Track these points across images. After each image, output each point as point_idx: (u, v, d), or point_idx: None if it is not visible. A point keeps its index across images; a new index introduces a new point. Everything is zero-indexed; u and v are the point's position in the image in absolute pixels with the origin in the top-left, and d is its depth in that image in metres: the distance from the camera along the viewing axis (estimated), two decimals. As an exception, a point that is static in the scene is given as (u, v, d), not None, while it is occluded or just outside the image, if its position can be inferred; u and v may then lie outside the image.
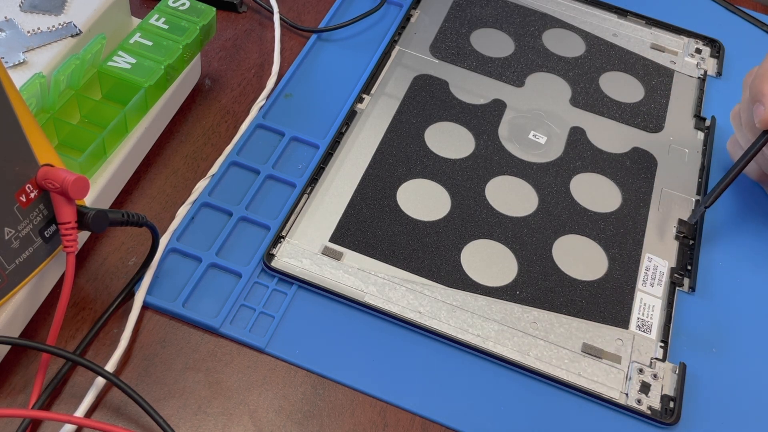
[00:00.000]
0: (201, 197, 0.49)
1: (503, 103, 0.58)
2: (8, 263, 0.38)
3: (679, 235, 0.52)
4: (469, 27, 0.63)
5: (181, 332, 0.44)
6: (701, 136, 0.58)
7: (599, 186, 0.54)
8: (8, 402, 0.40)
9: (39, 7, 0.48)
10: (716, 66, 0.64)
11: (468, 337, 0.45)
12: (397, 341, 0.45)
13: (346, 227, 0.49)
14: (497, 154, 0.54)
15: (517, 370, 0.44)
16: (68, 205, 0.39)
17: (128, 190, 0.49)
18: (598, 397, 0.44)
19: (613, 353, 0.46)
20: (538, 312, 0.47)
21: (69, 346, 0.43)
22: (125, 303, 0.44)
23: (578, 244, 0.51)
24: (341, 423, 0.42)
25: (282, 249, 0.47)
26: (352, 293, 0.46)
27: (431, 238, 0.49)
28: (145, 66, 0.48)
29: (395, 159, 0.53)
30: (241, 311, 0.45)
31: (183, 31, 0.50)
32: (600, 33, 0.65)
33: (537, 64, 0.61)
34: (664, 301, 0.48)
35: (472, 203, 0.51)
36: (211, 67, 0.57)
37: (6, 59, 0.45)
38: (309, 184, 0.50)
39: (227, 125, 0.54)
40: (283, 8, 0.62)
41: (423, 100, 0.57)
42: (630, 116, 0.59)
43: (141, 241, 0.47)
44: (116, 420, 0.40)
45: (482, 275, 0.48)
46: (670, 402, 0.44)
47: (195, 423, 0.41)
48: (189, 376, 0.42)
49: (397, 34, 0.61)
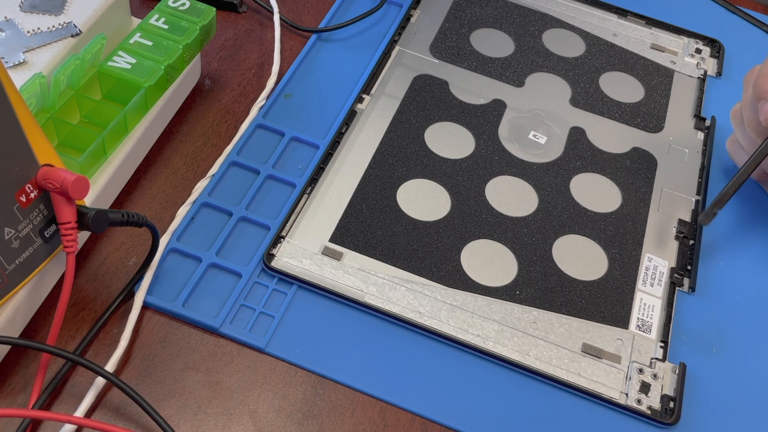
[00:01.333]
0: (201, 197, 0.49)
1: (503, 103, 0.58)
2: (8, 263, 0.38)
3: (679, 235, 0.52)
4: (469, 27, 0.63)
5: (181, 332, 0.44)
6: (701, 136, 0.58)
7: (599, 186, 0.54)
8: (8, 402, 0.40)
9: (39, 7, 0.48)
10: (716, 66, 0.64)
11: (468, 337, 0.45)
12: (397, 341, 0.45)
13: (346, 227, 0.49)
14: (497, 154, 0.54)
15: (517, 370, 0.44)
16: (68, 205, 0.39)
17: (128, 190, 0.50)
18: (598, 397, 0.44)
19: (613, 353, 0.46)
20: (538, 312, 0.47)
21: (69, 346, 0.43)
22: (125, 303, 0.44)
23: (578, 244, 0.51)
24: (341, 423, 0.42)
25: (282, 249, 0.47)
26: (352, 293, 0.46)
27: (431, 238, 0.49)
28: (145, 66, 0.48)
29: (395, 159, 0.53)
30: (241, 311, 0.45)
31: (183, 31, 0.50)
32: (600, 33, 0.65)
33: (537, 64, 0.61)
34: (664, 301, 0.48)
35: (472, 203, 0.51)
36: (211, 67, 0.57)
37: (6, 59, 0.45)
38: (309, 184, 0.50)
39: (227, 125, 0.54)
40: (283, 8, 0.62)
41: (423, 100, 0.57)
42: (630, 116, 0.59)
43: (141, 241, 0.47)
44: (116, 420, 0.40)
45: (482, 275, 0.48)
46: (670, 402, 0.44)
47: (195, 423, 0.41)
48: (189, 376, 0.42)
49: (397, 34, 0.61)
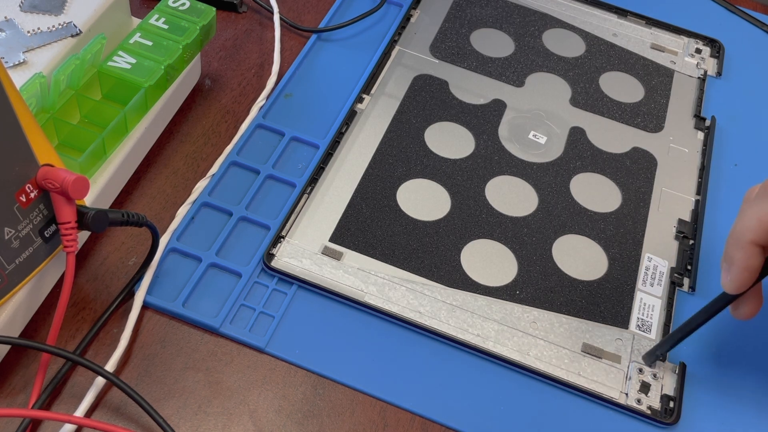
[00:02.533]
0: (201, 197, 0.49)
1: (503, 103, 0.58)
2: (8, 263, 0.38)
3: (679, 235, 0.52)
4: (469, 27, 0.63)
5: (181, 332, 0.44)
6: (701, 136, 0.58)
7: (599, 186, 0.54)
8: (8, 402, 0.40)
9: (39, 7, 0.48)
10: (716, 66, 0.64)
11: (468, 337, 0.45)
12: (397, 341, 0.45)
13: (346, 227, 0.49)
14: (497, 154, 0.54)
15: (517, 370, 0.44)
16: (68, 205, 0.39)
17: (128, 190, 0.49)
18: (597, 396, 0.44)
19: (613, 353, 0.46)
20: (538, 312, 0.47)
21: (69, 346, 0.43)
22: (125, 303, 0.44)
23: (578, 244, 0.50)
24: (341, 423, 0.42)
25: (282, 249, 0.47)
26: (352, 293, 0.46)
27: (431, 238, 0.49)
28: (145, 66, 0.48)
29: (395, 159, 0.53)
30: (241, 311, 0.45)
31: (183, 31, 0.50)
32: (600, 33, 0.65)
33: (537, 64, 0.61)
34: (664, 301, 0.48)
35: (472, 203, 0.51)
36: (211, 67, 0.57)
37: (6, 59, 0.45)
38: (309, 184, 0.50)
39: (227, 125, 0.54)
40: (283, 8, 0.62)
41: (423, 100, 0.57)
42: (630, 116, 0.59)
43: (141, 241, 0.47)
44: (116, 420, 0.40)
45: (482, 275, 0.48)
46: (670, 402, 0.44)
47: (195, 423, 0.41)
48: (189, 375, 0.42)
49: (397, 34, 0.61)
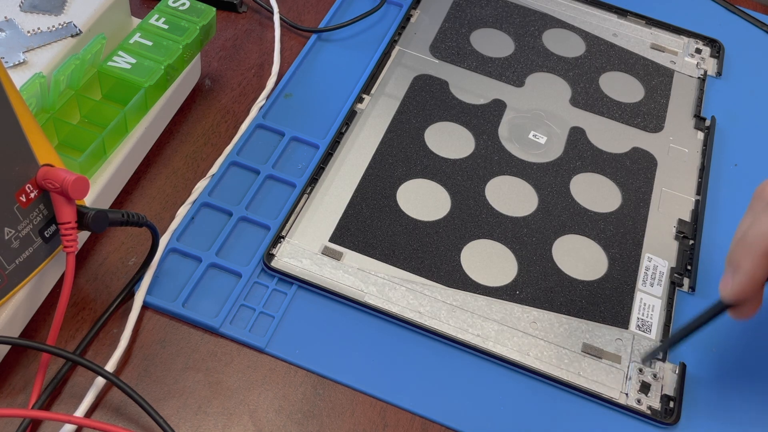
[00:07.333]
0: (201, 197, 0.49)
1: (503, 103, 0.58)
2: (8, 263, 0.38)
3: (679, 235, 0.52)
4: (469, 27, 0.63)
5: (181, 332, 0.44)
6: (701, 136, 0.58)
7: (599, 186, 0.54)
8: (8, 402, 0.40)
9: (39, 7, 0.48)
10: (716, 66, 0.64)
11: (468, 337, 0.45)
12: (397, 341, 0.45)
13: (346, 227, 0.49)
14: (497, 154, 0.54)
15: (517, 370, 0.44)
16: (68, 205, 0.39)
17: (128, 190, 0.49)
18: (598, 396, 0.44)
19: (613, 353, 0.46)
20: (538, 312, 0.47)
21: (69, 346, 0.43)
22: (125, 303, 0.44)
23: (578, 244, 0.50)
24: (341, 423, 0.42)
25: (282, 249, 0.47)
26: (352, 293, 0.46)
27: (431, 238, 0.49)
28: (145, 66, 0.48)
29: (395, 159, 0.53)
30: (241, 311, 0.45)
31: (183, 31, 0.50)
32: (600, 33, 0.65)
33: (537, 64, 0.61)
34: (664, 301, 0.48)
35: (472, 203, 0.51)
36: (211, 67, 0.57)
37: (6, 59, 0.45)
38: (309, 184, 0.50)
39: (227, 125, 0.54)
40: (283, 8, 0.62)
41: (423, 100, 0.57)
42: (630, 116, 0.59)
43: (141, 241, 0.47)
44: (116, 420, 0.40)
45: (482, 275, 0.48)
46: (670, 402, 0.44)
47: (195, 423, 0.41)
48: (189, 376, 0.42)
49: (397, 34, 0.61)
